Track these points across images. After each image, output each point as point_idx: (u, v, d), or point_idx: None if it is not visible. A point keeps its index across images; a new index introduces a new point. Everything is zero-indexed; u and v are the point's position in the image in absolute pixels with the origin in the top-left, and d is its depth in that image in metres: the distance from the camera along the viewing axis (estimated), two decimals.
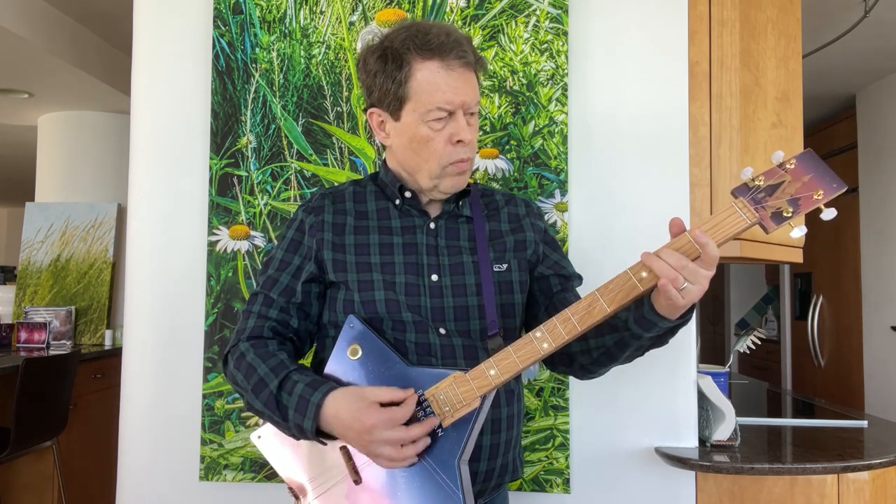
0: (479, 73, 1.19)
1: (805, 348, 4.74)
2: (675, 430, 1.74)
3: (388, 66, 1.14)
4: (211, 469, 1.75)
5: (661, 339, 1.12)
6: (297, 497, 1.17)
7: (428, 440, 1.06)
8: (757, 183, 1.00)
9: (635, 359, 1.19)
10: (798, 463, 1.63)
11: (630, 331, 1.09)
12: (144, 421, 1.79)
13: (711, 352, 6.10)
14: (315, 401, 1.06)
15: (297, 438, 1.13)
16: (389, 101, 1.16)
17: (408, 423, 1.05)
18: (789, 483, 1.68)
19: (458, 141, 1.14)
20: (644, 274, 1.01)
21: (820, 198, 0.98)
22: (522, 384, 1.36)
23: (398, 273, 1.18)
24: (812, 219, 1.04)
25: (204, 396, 1.76)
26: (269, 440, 1.21)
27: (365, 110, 1.23)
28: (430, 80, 1.12)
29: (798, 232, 0.99)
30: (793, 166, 1.00)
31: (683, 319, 1.06)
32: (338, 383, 1.13)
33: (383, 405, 1.04)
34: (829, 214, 0.98)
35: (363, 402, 1.04)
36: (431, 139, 1.14)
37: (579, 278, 1.31)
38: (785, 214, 0.98)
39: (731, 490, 1.69)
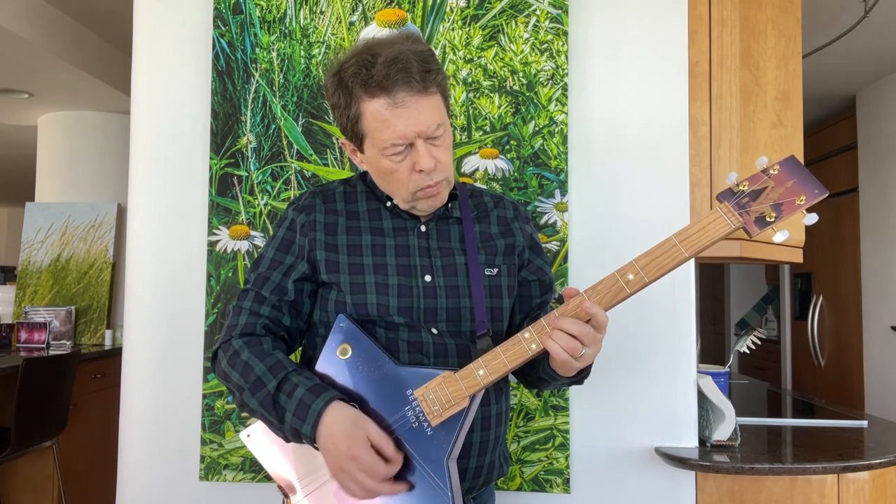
0: (443, 89, 1.14)
1: (805, 348, 4.74)
2: (675, 430, 1.74)
3: (341, 102, 1.13)
4: (211, 469, 1.75)
5: (576, 381, 1.20)
6: (286, 495, 1.17)
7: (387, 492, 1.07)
8: (741, 188, 1.02)
9: (570, 387, 1.28)
10: (798, 463, 1.64)
11: (540, 374, 1.19)
12: (144, 421, 1.79)
13: (711, 352, 6.10)
14: (316, 408, 1.06)
15: (289, 441, 1.13)
16: (350, 136, 1.17)
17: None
18: (789, 483, 1.68)
19: (420, 170, 1.12)
20: (631, 276, 1.03)
21: (802, 203, 1.00)
22: (510, 382, 1.37)
23: (391, 275, 1.18)
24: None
25: (204, 396, 1.76)
26: (258, 438, 1.21)
27: None
28: (378, 118, 1.09)
29: (780, 236, 1.01)
30: (776, 172, 1.02)
31: (582, 374, 1.16)
32: (328, 384, 1.13)
33: (374, 445, 1.05)
34: (810, 220, 1.01)
35: (360, 430, 1.05)
36: (395, 170, 1.13)
37: (554, 286, 1.36)
38: (768, 219, 1.00)
39: (731, 490, 1.69)
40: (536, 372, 1.20)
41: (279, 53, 1.80)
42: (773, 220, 1.00)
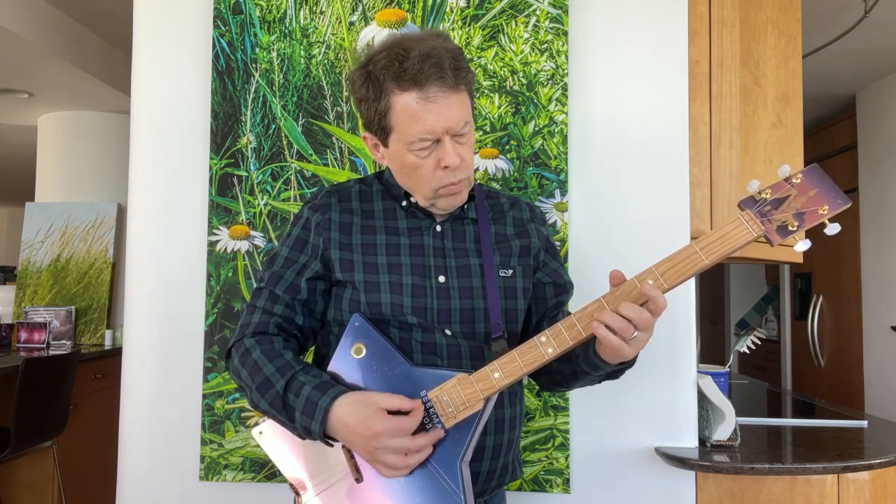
0: (469, 88, 1.15)
1: (805, 348, 4.74)
2: (675, 430, 1.74)
3: (369, 95, 1.13)
4: (211, 469, 1.75)
5: (613, 375, 1.18)
6: (297, 493, 1.17)
7: (430, 450, 1.07)
8: (763, 196, 1.02)
9: (597, 384, 1.24)
10: (798, 463, 1.64)
11: (580, 367, 1.15)
12: (144, 421, 1.79)
13: (711, 352, 6.10)
14: (323, 405, 1.06)
15: (303, 438, 1.13)
16: (376, 130, 1.16)
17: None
18: (789, 483, 1.68)
19: (446, 167, 1.12)
20: (650, 282, 1.02)
21: (825, 213, 1.00)
22: (523, 385, 1.37)
23: (405, 274, 1.18)
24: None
25: (204, 396, 1.76)
26: (270, 436, 1.21)
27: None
28: (408, 111, 1.09)
29: (802, 245, 1.02)
30: (799, 181, 1.02)
31: (627, 362, 1.12)
32: (341, 382, 1.13)
33: (390, 412, 1.05)
34: (832, 229, 1.01)
35: (370, 407, 1.05)
36: (419, 166, 1.13)
37: (572, 286, 1.34)
38: (790, 228, 1.00)
39: (731, 490, 1.69)
40: (571, 367, 1.18)
41: (279, 53, 1.80)
42: (795, 228, 1.00)
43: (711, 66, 1.89)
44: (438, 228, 1.22)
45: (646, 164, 1.77)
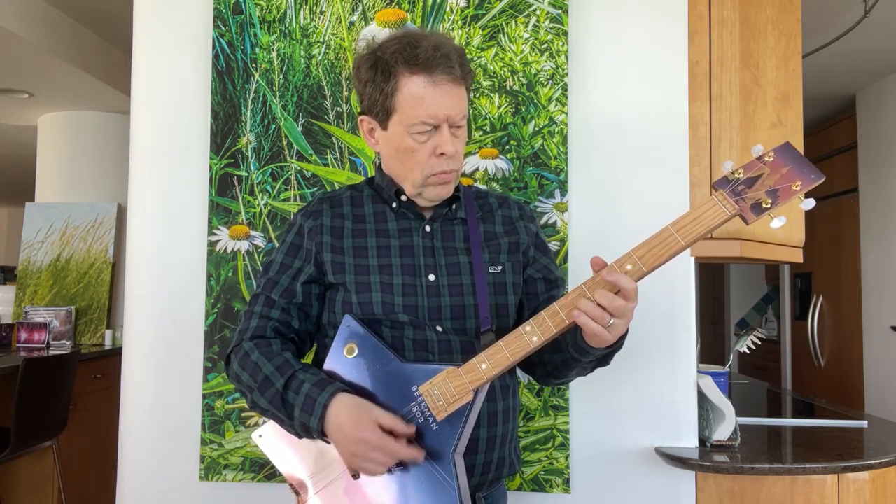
0: (469, 86, 1.21)
1: (805, 348, 4.74)
2: (675, 430, 1.74)
3: (377, 77, 1.17)
4: (211, 469, 1.75)
5: (603, 360, 1.19)
6: (297, 493, 1.19)
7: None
8: (737, 176, 1.03)
9: (590, 373, 1.25)
10: (798, 463, 1.64)
11: (570, 353, 1.16)
12: (144, 421, 1.79)
13: (711, 352, 6.10)
14: (322, 400, 1.09)
15: (300, 437, 1.15)
16: (378, 111, 1.19)
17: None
18: (789, 483, 1.68)
19: (441, 154, 1.16)
20: (629, 266, 1.04)
21: (798, 188, 1.00)
22: (518, 380, 1.37)
23: (395, 274, 1.20)
24: (812, 219, 1.05)
25: (204, 396, 1.76)
26: (270, 439, 1.23)
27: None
28: (415, 94, 1.14)
29: (778, 222, 1.01)
30: (771, 159, 1.02)
31: (614, 347, 1.13)
32: (337, 381, 1.15)
33: (383, 428, 1.06)
34: (807, 205, 1.01)
35: (366, 415, 1.07)
36: (415, 150, 1.17)
37: (563, 282, 1.36)
38: (764, 206, 1.00)
39: (731, 490, 1.69)
40: (561, 355, 1.20)
41: (279, 53, 1.80)
42: (769, 206, 1.00)
43: (711, 66, 1.89)
44: (428, 228, 1.24)
45: (646, 164, 1.77)
